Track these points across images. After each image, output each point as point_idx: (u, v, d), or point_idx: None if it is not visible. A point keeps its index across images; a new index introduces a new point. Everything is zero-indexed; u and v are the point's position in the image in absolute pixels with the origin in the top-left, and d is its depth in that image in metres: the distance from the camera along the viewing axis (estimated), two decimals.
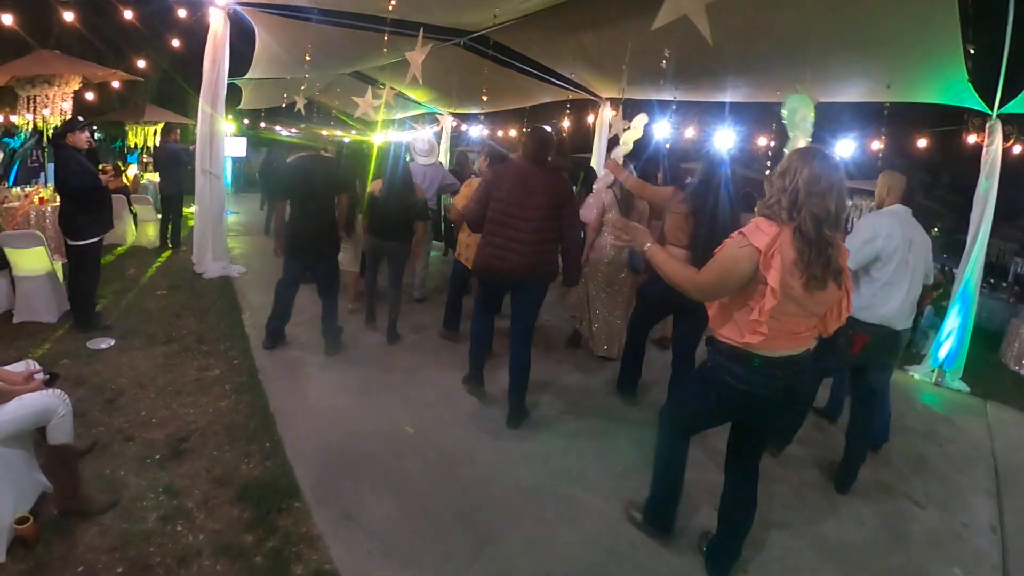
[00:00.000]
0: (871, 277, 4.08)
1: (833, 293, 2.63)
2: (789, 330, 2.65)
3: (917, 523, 3.99)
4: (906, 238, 4.06)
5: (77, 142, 5.31)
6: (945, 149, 9.65)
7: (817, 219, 2.51)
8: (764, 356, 2.67)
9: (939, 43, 5.94)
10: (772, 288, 2.47)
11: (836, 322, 2.79)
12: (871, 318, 4.05)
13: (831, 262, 2.55)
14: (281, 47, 9.23)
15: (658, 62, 6.33)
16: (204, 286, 7.28)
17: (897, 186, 4.26)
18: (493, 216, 4.37)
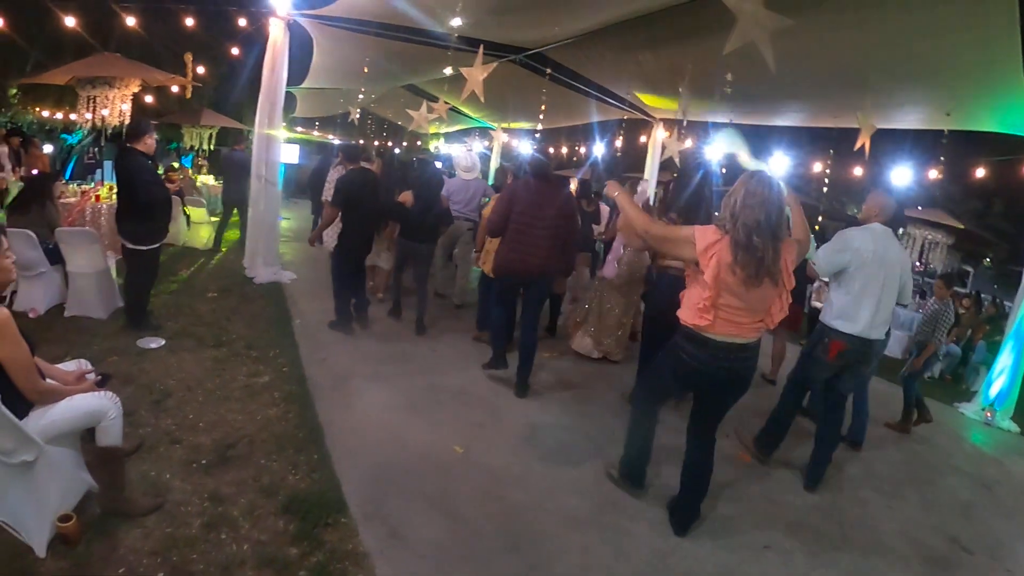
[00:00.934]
0: (842, 288, 4.38)
1: (769, 290, 3.16)
2: (731, 319, 3.20)
3: (964, 568, 3.89)
4: (879, 255, 4.30)
5: (148, 147, 5.41)
6: (1001, 178, 9.40)
7: (748, 228, 3.07)
8: (709, 338, 3.24)
9: (1000, 71, 5.81)
10: (708, 282, 3.11)
11: (780, 314, 3.30)
12: (845, 328, 4.32)
13: (764, 263, 3.07)
14: (338, 58, 9.35)
15: (714, 84, 6.28)
16: (254, 291, 7.38)
17: (886, 208, 4.53)
18: (513, 225, 5.14)
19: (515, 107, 12.25)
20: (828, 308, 4.49)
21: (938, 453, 5.89)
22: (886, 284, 4.34)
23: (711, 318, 3.16)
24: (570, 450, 4.50)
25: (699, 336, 3.26)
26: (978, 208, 17.80)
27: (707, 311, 3.15)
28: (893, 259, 4.38)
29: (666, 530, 3.65)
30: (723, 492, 4.23)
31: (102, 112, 10.25)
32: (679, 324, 3.38)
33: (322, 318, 6.59)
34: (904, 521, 4.32)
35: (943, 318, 6.17)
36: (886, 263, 4.32)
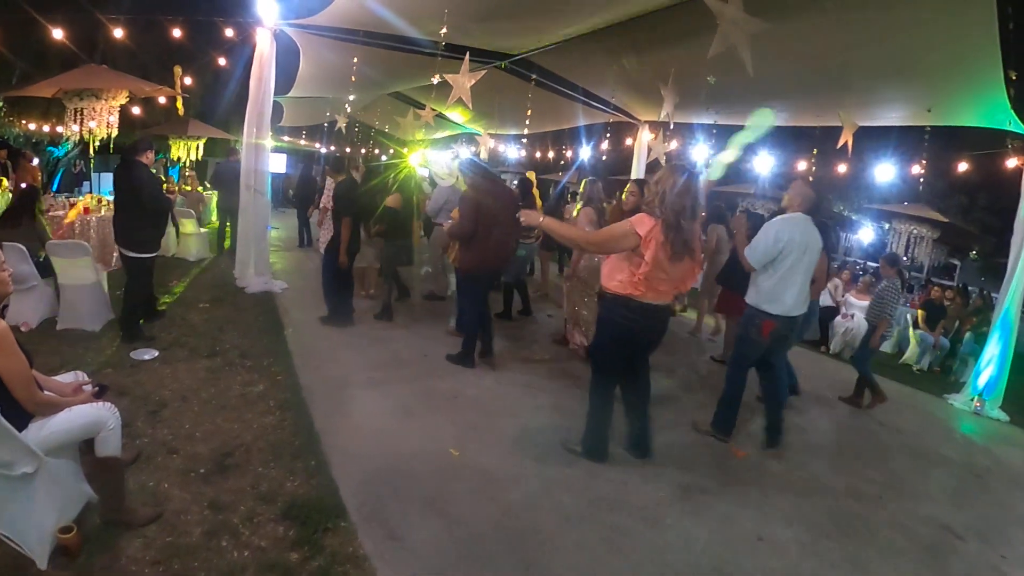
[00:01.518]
0: (770, 272, 4.75)
1: (688, 264, 3.94)
2: (657, 288, 3.91)
3: (956, 555, 3.95)
4: (802, 241, 4.70)
5: (149, 161, 5.73)
6: (984, 172, 9.53)
7: (676, 213, 3.78)
8: (639, 302, 3.92)
9: (980, 67, 5.94)
10: (647, 261, 3.77)
11: (691, 282, 4.21)
12: (774, 309, 4.75)
13: (687, 243, 3.82)
14: (325, 67, 9.39)
15: (699, 86, 6.37)
16: (246, 301, 7.40)
17: (808, 198, 4.90)
18: (484, 227, 5.66)
19: (501, 112, 12.29)
20: (755, 292, 4.85)
21: (928, 443, 5.97)
22: (807, 268, 4.79)
23: (644, 289, 3.86)
24: (562, 450, 4.52)
25: (634, 302, 3.92)
26: (963, 202, 17.95)
27: (641, 283, 3.84)
28: (813, 245, 4.78)
29: (661, 525, 3.71)
30: (717, 487, 4.29)
31: (89, 124, 10.25)
32: (606, 295, 4.08)
33: (315, 327, 6.67)
34: (896, 511, 4.38)
35: (890, 295, 6.47)
36: (808, 249, 4.74)
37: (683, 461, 4.63)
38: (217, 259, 9.92)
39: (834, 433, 5.81)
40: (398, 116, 13.02)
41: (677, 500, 4.04)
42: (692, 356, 7.73)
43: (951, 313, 9.55)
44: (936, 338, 9.16)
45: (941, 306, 9.59)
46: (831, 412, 6.40)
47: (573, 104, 10.85)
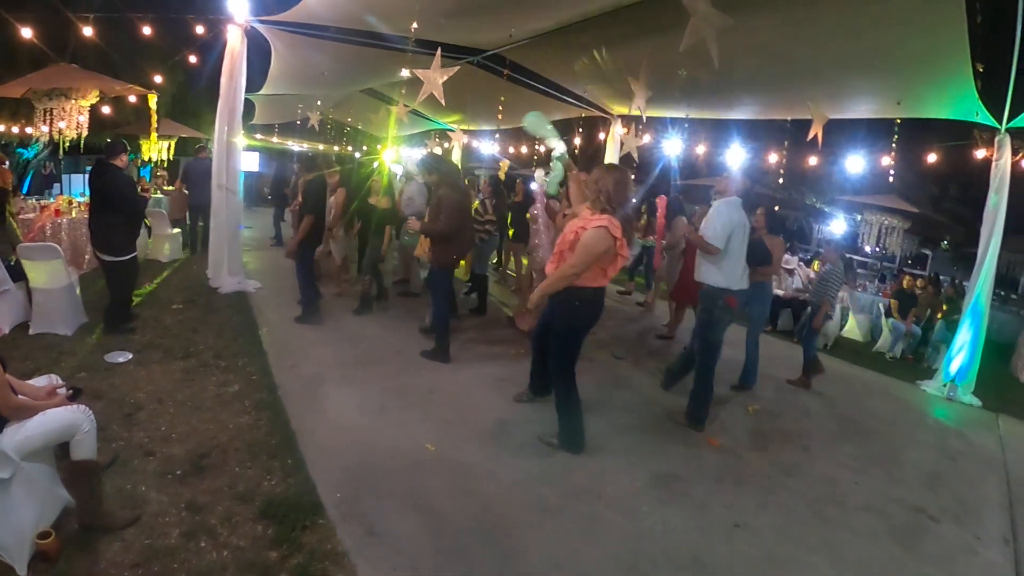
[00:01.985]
0: (726, 253, 5.06)
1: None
2: (608, 275, 4.28)
3: (931, 536, 4.03)
4: (741, 221, 5.15)
5: (123, 164, 5.78)
6: (954, 163, 9.67)
7: (623, 207, 4.21)
8: (595, 288, 4.27)
9: (948, 60, 6.02)
10: (623, 255, 4.20)
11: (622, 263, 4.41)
12: (735, 285, 5.12)
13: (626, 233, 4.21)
14: (296, 64, 9.32)
15: (671, 81, 6.41)
16: (220, 301, 7.32)
17: (742, 184, 5.36)
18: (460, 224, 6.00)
19: (474, 108, 12.27)
20: (720, 275, 5.10)
21: (902, 429, 6.08)
22: (744, 245, 5.20)
23: (608, 277, 4.30)
24: (538, 442, 4.56)
25: (592, 289, 4.25)
26: (934, 193, 18.18)
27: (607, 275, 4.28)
28: (747, 225, 5.28)
29: (638, 515, 3.75)
30: (692, 476, 4.35)
31: (59, 124, 10.11)
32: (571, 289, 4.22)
33: (289, 326, 6.64)
34: (871, 495, 4.46)
35: (833, 279, 6.86)
36: (745, 228, 5.21)
37: (658, 451, 4.70)
38: (190, 259, 9.81)
39: (808, 420, 5.89)
40: (371, 113, 12.95)
41: (653, 489, 4.09)
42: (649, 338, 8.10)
43: (923, 302, 9.69)
44: (908, 326, 9.30)
45: (913, 295, 9.73)
46: (804, 400, 6.49)
47: (546, 99, 10.86)
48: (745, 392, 6.30)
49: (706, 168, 15.25)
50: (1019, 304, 14.26)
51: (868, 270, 17.30)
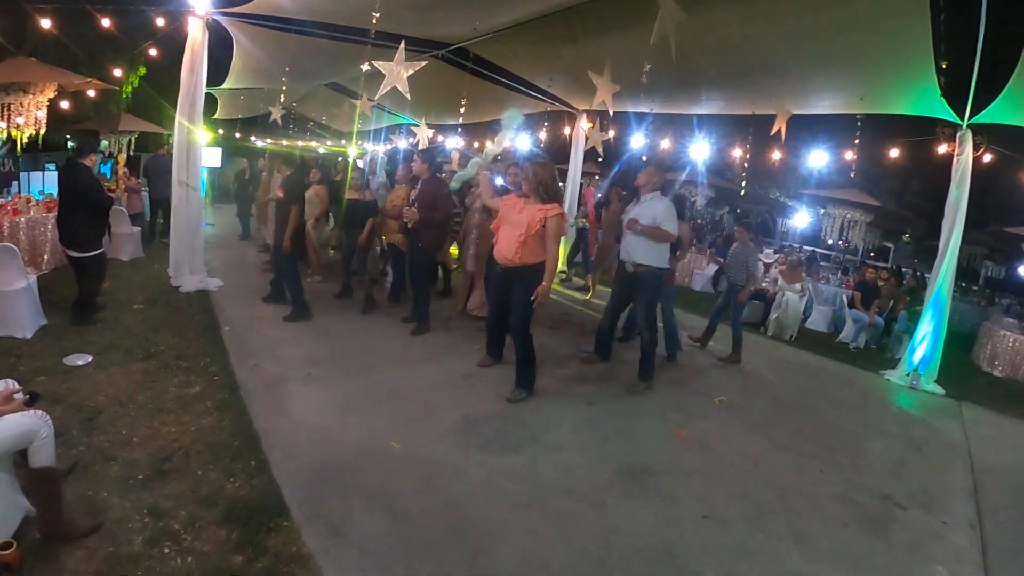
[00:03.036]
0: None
1: None
2: None
3: (899, 523, 4.10)
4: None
5: (92, 163, 6.03)
6: (916, 158, 9.83)
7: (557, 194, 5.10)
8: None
9: (912, 57, 6.13)
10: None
11: None
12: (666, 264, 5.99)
13: None
14: (259, 57, 9.18)
15: (635, 75, 6.42)
16: (181, 300, 7.16)
17: (660, 179, 6.07)
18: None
19: (439, 102, 12.20)
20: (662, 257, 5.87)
21: (867, 418, 6.19)
22: None
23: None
24: (505, 438, 4.56)
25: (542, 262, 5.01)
26: (896, 188, 18.52)
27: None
28: None
29: (606, 508, 3.76)
30: (660, 468, 4.38)
31: (17, 120, 9.83)
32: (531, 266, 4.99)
33: (252, 324, 6.54)
34: (838, 484, 4.53)
35: (751, 257, 7.38)
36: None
37: (625, 444, 4.73)
38: (150, 257, 9.61)
39: (773, 410, 5.96)
40: (334, 107, 12.80)
41: (621, 483, 4.10)
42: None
43: (885, 293, 9.86)
44: (871, 317, 9.45)
45: (875, 287, 9.89)
46: (770, 390, 6.59)
47: (511, 93, 10.87)
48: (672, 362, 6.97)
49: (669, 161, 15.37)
50: (980, 295, 14.62)
51: (831, 263, 17.60)
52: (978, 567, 3.72)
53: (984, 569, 3.71)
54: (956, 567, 3.67)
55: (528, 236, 4.97)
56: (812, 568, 3.45)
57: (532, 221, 4.96)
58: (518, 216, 5.07)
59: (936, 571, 3.61)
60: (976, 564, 3.74)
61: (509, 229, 5.12)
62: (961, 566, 3.69)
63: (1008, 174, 9.75)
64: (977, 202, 7.64)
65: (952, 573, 3.60)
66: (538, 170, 5.03)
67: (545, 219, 4.95)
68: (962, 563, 3.73)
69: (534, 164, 5.13)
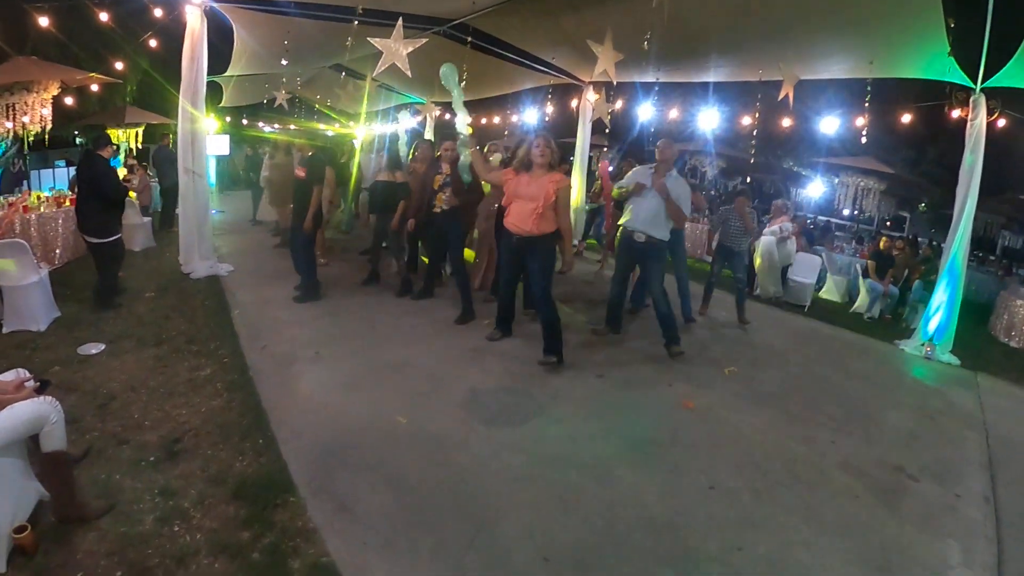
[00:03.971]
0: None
1: None
2: None
3: (911, 495, 4.03)
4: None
5: (108, 154, 6.38)
6: (930, 124, 9.68)
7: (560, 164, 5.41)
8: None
9: (921, 19, 6.00)
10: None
11: None
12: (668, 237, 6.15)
13: None
14: (259, 43, 9.17)
15: (638, 43, 6.34)
16: (192, 286, 7.24)
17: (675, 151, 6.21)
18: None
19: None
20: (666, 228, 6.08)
21: (880, 388, 6.12)
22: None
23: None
24: (511, 411, 4.60)
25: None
26: (911, 155, 18.26)
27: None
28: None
29: (611, 480, 3.77)
30: (665, 440, 4.38)
31: (23, 119, 9.92)
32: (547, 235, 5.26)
33: (261, 307, 6.59)
34: (849, 455, 4.47)
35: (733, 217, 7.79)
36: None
37: (630, 416, 4.73)
38: (161, 247, 9.72)
39: (784, 380, 5.93)
40: (339, 89, 12.77)
41: (626, 454, 4.11)
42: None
43: (900, 262, 9.74)
44: (885, 287, 9.35)
45: (890, 256, 9.77)
46: (781, 360, 6.55)
47: (514, 67, 10.79)
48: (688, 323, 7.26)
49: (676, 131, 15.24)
50: (997, 265, 14.41)
51: (846, 232, 17.40)
52: (991, 541, 3.64)
53: (998, 543, 3.63)
54: (969, 541, 3.60)
55: (544, 207, 5.17)
56: (820, 540, 3.41)
57: (548, 192, 5.16)
58: (528, 189, 5.24)
59: (948, 544, 3.55)
60: (990, 538, 3.66)
61: (522, 203, 5.28)
62: (974, 540, 3.62)
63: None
64: (993, 169, 7.50)
65: (965, 547, 3.53)
66: (551, 143, 5.30)
67: (557, 189, 5.18)
68: (975, 537, 3.65)
69: (546, 137, 5.35)
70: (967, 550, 3.51)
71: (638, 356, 6.06)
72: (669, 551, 3.18)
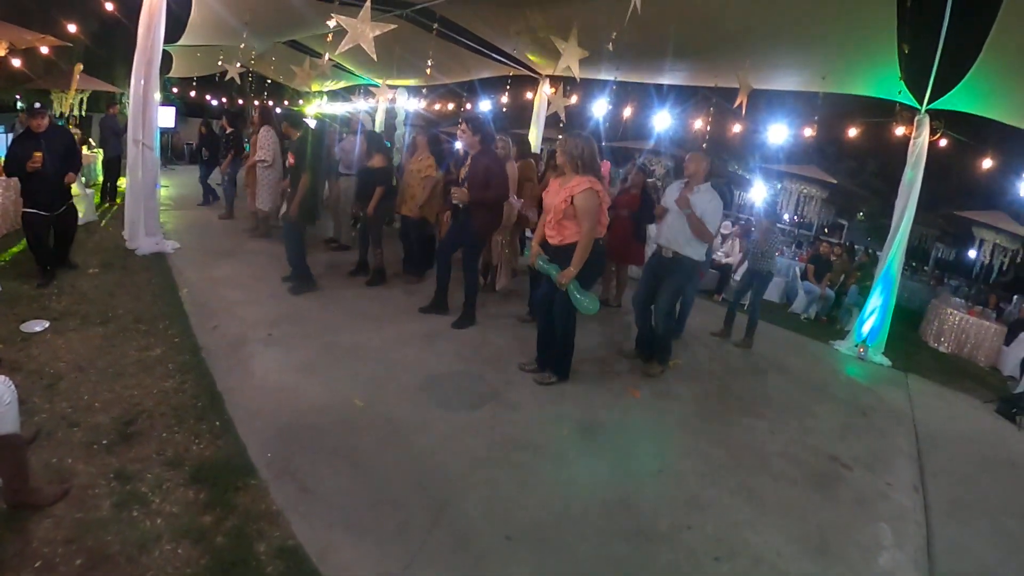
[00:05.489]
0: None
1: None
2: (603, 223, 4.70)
3: (845, 483, 4.31)
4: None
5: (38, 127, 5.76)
6: (873, 138, 10.07)
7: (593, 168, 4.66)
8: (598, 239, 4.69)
9: (875, 40, 6.25)
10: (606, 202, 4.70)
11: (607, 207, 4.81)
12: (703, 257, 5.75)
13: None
14: (218, 12, 8.90)
15: (602, 42, 6.42)
16: (137, 263, 6.99)
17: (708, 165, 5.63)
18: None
19: (400, 63, 12.01)
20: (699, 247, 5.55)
21: (816, 385, 6.43)
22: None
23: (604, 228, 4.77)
24: (467, 394, 4.68)
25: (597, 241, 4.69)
26: (853, 167, 18.94)
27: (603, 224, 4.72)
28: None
29: (565, 461, 3.92)
30: (615, 425, 4.56)
31: None
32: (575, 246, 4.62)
33: (210, 286, 6.43)
34: (786, 444, 4.73)
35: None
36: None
37: (581, 403, 4.85)
38: (104, 220, 9.35)
39: (726, 374, 6.19)
40: (294, 65, 12.52)
41: (579, 438, 4.27)
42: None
43: (837, 267, 10.16)
44: (823, 289, 9.75)
45: (828, 260, 10.19)
46: (723, 355, 6.82)
47: (475, 56, 10.81)
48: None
49: (632, 130, 15.45)
50: (930, 275, 15.16)
51: (786, 236, 18.00)
52: (920, 526, 3.92)
53: (927, 527, 3.92)
54: (900, 525, 3.88)
55: (558, 219, 4.68)
56: (763, 521, 3.63)
57: (559, 201, 4.65)
58: (550, 197, 4.80)
59: (880, 528, 3.80)
60: (919, 523, 3.95)
61: (546, 211, 4.88)
62: (905, 524, 3.90)
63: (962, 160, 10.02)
64: (930, 185, 7.90)
65: (896, 530, 3.80)
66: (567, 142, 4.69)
67: (572, 196, 4.57)
68: (906, 521, 3.94)
69: (570, 138, 4.73)
70: (898, 533, 3.79)
71: (590, 345, 6.17)
72: (623, 529, 3.34)
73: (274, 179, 8.37)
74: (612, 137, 14.81)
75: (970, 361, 9.49)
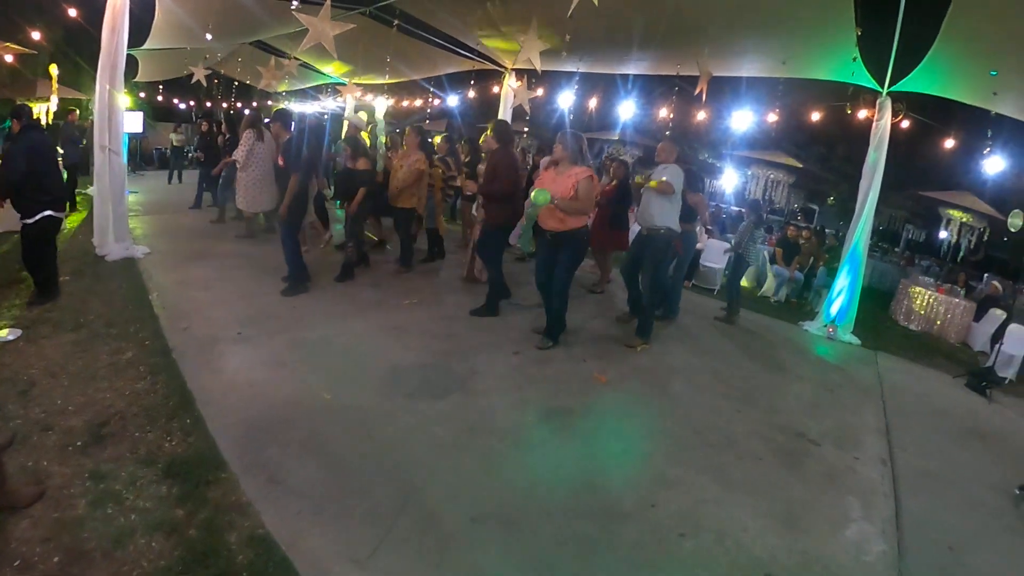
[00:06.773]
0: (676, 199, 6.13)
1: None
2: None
3: (813, 458, 4.42)
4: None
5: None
6: (840, 123, 10.21)
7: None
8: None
9: (834, 24, 6.37)
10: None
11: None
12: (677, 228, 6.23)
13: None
14: (181, 14, 8.86)
15: (562, 34, 6.50)
16: (107, 269, 6.98)
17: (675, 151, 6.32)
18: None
19: (365, 61, 12.02)
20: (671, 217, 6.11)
21: (784, 364, 6.55)
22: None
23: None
24: (433, 385, 4.75)
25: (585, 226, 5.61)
26: (820, 152, 19.15)
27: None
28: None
29: (529, 446, 4.02)
30: (579, 409, 4.65)
31: None
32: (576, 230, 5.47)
33: (180, 289, 6.44)
34: (754, 422, 4.84)
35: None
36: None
37: (547, 389, 4.95)
38: (71, 227, 9.26)
39: (693, 356, 6.28)
40: (260, 66, 12.48)
41: (544, 423, 4.36)
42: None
43: (806, 250, 10.31)
44: (791, 273, 9.90)
45: (796, 244, 10.33)
46: (691, 338, 6.92)
47: (440, 51, 10.85)
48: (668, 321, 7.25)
49: (597, 121, 15.54)
50: (900, 256, 15.40)
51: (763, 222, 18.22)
52: (888, 497, 4.04)
53: (895, 499, 4.03)
54: (868, 497, 3.99)
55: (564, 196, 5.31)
56: (729, 498, 3.72)
57: (565, 188, 5.30)
58: (553, 186, 5.35)
59: (848, 501, 3.91)
60: (887, 495, 4.07)
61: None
62: (873, 497, 4.02)
63: (927, 141, 10.21)
64: (898, 166, 8.05)
65: (864, 503, 3.91)
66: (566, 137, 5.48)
67: (576, 184, 5.29)
68: (874, 494, 4.05)
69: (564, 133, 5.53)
70: (867, 505, 3.90)
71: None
72: (588, 508, 3.43)
73: (248, 180, 8.35)
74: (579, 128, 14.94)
75: (940, 338, 9.67)
